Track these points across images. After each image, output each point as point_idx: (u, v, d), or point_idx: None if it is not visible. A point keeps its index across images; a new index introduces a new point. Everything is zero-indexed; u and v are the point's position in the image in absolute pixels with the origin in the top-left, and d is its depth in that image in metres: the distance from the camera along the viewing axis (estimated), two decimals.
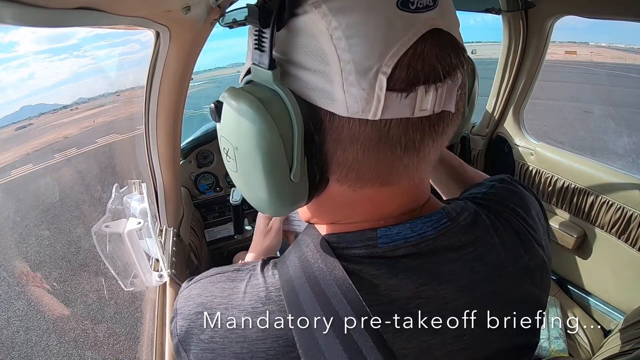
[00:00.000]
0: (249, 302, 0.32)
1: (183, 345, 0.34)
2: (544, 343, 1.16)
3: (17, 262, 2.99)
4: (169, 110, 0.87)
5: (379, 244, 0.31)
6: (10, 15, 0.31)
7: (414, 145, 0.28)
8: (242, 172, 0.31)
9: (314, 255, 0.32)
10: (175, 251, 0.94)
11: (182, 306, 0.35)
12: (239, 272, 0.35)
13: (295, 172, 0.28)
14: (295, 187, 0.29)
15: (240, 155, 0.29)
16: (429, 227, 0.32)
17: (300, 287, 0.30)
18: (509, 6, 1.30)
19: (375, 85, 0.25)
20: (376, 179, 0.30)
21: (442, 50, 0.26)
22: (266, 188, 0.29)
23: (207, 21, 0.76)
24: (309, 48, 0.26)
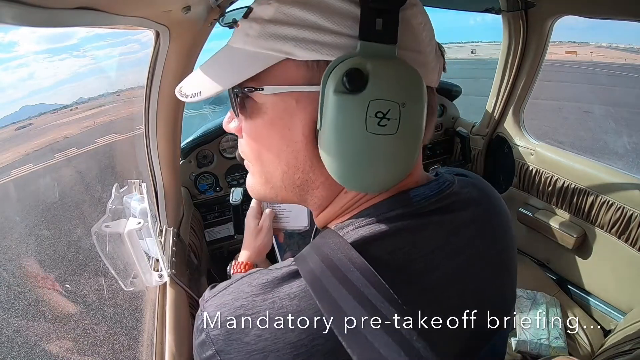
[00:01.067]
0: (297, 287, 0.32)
1: (221, 356, 0.32)
2: (544, 343, 1.16)
3: (17, 262, 2.99)
4: (169, 110, 0.87)
5: (414, 201, 0.36)
6: (10, 15, 0.31)
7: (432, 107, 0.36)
8: (406, 128, 0.32)
9: (330, 248, 0.33)
10: (175, 251, 0.94)
11: (214, 314, 0.33)
12: (269, 270, 0.35)
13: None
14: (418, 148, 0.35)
15: (406, 111, 0.31)
16: (439, 187, 0.38)
17: (322, 274, 0.32)
18: (508, 6, 1.30)
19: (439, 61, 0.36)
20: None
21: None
22: (419, 140, 0.34)
23: (207, 21, 0.76)
24: (410, 33, 0.33)
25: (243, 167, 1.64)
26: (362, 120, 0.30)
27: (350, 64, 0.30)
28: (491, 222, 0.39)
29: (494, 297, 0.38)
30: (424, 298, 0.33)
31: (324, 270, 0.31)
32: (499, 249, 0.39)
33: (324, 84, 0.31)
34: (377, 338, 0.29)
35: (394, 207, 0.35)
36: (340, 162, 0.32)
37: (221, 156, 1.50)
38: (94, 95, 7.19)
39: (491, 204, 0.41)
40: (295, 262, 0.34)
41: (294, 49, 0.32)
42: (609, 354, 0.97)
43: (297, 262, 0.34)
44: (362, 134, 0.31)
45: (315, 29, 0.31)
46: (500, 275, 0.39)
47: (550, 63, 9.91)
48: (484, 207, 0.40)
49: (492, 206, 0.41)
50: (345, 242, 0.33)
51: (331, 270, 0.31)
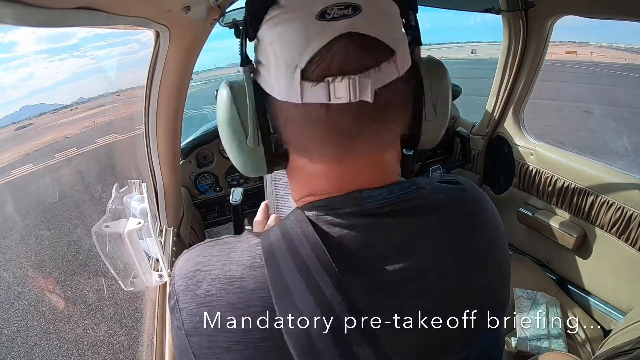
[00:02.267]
0: (247, 258, 0.36)
1: (178, 304, 0.36)
2: (544, 343, 1.16)
3: (17, 263, 2.99)
4: (169, 110, 0.87)
5: (365, 203, 0.36)
6: (10, 15, 0.32)
7: (342, 128, 0.34)
8: (221, 136, 0.40)
9: (292, 224, 0.36)
10: (175, 251, 0.94)
11: (179, 267, 0.38)
12: (234, 237, 0.39)
13: (250, 138, 0.37)
14: (253, 151, 0.38)
15: (218, 123, 0.39)
16: (402, 191, 0.37)
17: (278, 248, 0.35)
18: (508, 6, 1.30)
19: (294, 77, 0.33)
20: (325, 155, 0.36)
21: (355, 50, 0.32)
22: (232, 150, 0.39)
23: (207, 21, 0.76)
24: (262, 52, 0.35)
25: None
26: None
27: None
28: (464, 231, 0.38)
29: (462, 302, 0.36)
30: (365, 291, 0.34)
31: (281, 244, 0.35)
32: (470, 259, 0.38)
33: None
34: (302, 299, 0.32)
35: (343, 205, 0.36)
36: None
37: (221, 156, 1.50)
38: (94, 95, 7.19)
39: (469, 214, 0.40)
40: (260, 235, 0.37)
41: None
42: (609, 354, 0.97)
43: (261, 235, 0.37)
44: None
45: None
46: (471, 280, 0.37)
47: (551, 63, 9.92)
48: (457, 215, 0.39)
49: (469, 216, 0.39)
50: (305, 218, 0.36)
51: (287, 243, 0.35)
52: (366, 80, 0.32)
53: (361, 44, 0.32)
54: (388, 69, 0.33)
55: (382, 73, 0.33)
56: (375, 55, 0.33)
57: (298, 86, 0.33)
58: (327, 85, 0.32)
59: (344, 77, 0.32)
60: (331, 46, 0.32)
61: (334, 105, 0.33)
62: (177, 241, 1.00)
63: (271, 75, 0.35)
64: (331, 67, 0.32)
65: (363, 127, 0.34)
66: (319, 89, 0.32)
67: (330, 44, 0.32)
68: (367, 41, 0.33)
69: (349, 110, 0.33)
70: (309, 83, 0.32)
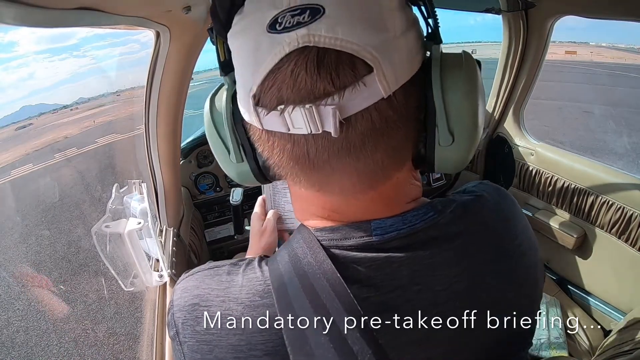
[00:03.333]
0: (246, 296, 0.32)
1: (179, 337, 0.34)
2: (544, 343, 1.16)
3: (17, 262, 2.99)
4: (169, 110, 0.87)
5: (374, 235, 0.32)
6: (10, 15, 0.31)
7: (307, 158, 0.29)
8: (213, 152, 0.38)
9: (303, 250, 0.32)
10: (175, 251, 0.94)
11: (178, 298, 0.35)
12: (235, 266, 0.35)
13: (232, 155, 0.35)
14: (239, 167, 0.36)
15: (207, 140, 0.38)
16: (417, 220, 0.32)
17: (290, 282, 0.31)
18: (509, 6, 1.30)
19: (249, 102, 0.28)
20: (308, 184, 0.31)
21: (310, 72, 0.25)
22: (220, 163, 0.38)
23: (207, 21, 0.76)
24: (234, 60, 0.31)
25: None
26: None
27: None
28: (488, 256, 0.33)
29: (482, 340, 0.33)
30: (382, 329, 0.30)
31: (292, 277, 0.31)
32: (493, 289, 0.33)
33: None
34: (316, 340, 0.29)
35: (351, 236, 0.32)
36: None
37: None
38: (94, 95, 7.19)
39: (494, 236, 0.34)
40: (268, 266, 0.33)
41: None
42: (609, 354, 0.97)
43: (269, 266, 0.33)
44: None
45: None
46: (495, 311, 0.32)
47: (551, 63, 9.90)
48: (477, 241, 0.33)
49: (494, 238, 0.34)
50: (320, 247, 0.32)
51: (299, 277, 0.31)
52: (326, 109, 0.25)
53: (317, 63, 0.25)
54: (361, 91, 0.26)
55: (350, 98, 0.26)
56: (338, 78, 0.25)
57: (254, 112, 0.28)
58: (282, 114, 0.27)
59: (296, 106, 0.26)
60: (281, 66, 0.26)
61: (296, 135, 0.28)
62: (177, 241, 0.99)
63: (239, 96, 0.31)
64: (281, 94, 0.27)
65: (333, 160, 0.28)
66: (274, 118, 0.27)
67: (280, 64, 0.26)
68: (327, 57, 0.25)
69: (314, 141, 0.28)
70: (263, 110, 0.28)
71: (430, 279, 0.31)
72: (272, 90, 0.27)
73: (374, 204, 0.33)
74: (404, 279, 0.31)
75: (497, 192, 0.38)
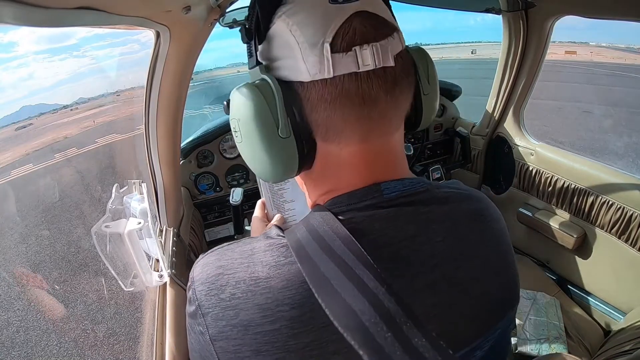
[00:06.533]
0: (270, 257, 0.36)
1: (201, 310, 0.36)
2: (544, 343, 1.16)
3: (17, 263, 2.99)
4: (169, 110, 0.87)
5: (384, 194, 0.38)
6: (10, 15, 0.31)
7: (370, 96, 0.36)
8: (246, 138, 0.40)
9: (318, 221, 0.37)
10: (175, 251, 0.94)
11: (199, 273, 0.38)
12: (253, 238, 0.39)
13: (281, 128, 0.38)
14: (285, 143, 0.38)
15: (242, 124, 0.39)
16: (414, 185, 0.40)
17: (308, 245, 0.35)
18: (509, 6, 1.30)
19: (323, 52, 0.35)
20: (351, 134, 0.37)
21: (369, 23, 0.36)
22: (262, 145, 0.39)
23: (207, 21, 0.76)
24: (280, 44, 0.38)
25: (243, 167, 1.65)
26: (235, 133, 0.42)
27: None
28: (474, 225, 0.41)
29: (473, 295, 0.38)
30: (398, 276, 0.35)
31: (310, 240, 0.35)
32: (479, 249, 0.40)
33: None
34: (347, 292, 0.32)
35: (364, 198, 0.38)
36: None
37: (221, 156, 1.50)
38: (94, 95, 7.19)
39: (477, 211, 0.42)
40: (285, 234, 0.38)
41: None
42: (609, 354, 0.97)
43: (286, 234, 0.38)
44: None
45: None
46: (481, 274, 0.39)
47: (551, 63, 9.90)
48: (465, 210, 0.41)
49: (477, 213, 0.42)
50: (332, 215, 0.37)
51: (316, 240, 0.35)
52: (386, 47, 0.36)
53: (373, 19, 0.36)
54: (395, 40, 0.37)
55: (395, 42, 0.37)
56: (387, 28, 0.37)
57: (329, 59, 0.35)
58: (355, 54, 0.35)
59: (368, 45, 0.35)
60: (350, 21, 0.35)
61: (362, 74, 0.35)
62: (177, 241, 0.99)
63: (297, 59, 0.36)
64: (355, 38, 0.35)
65: (386, 94, 0.37)
66: (348, 59, 0.35)
67: (349, 20, 0.35)
68: (376, 18, 0.37)
69: (375, 77, 0.36)
70: (339, 54, 0.35)
71: (431, 231, 0.38)
72: (346, 37, 0.35)
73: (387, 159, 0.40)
74: (411, 231, 0.37)
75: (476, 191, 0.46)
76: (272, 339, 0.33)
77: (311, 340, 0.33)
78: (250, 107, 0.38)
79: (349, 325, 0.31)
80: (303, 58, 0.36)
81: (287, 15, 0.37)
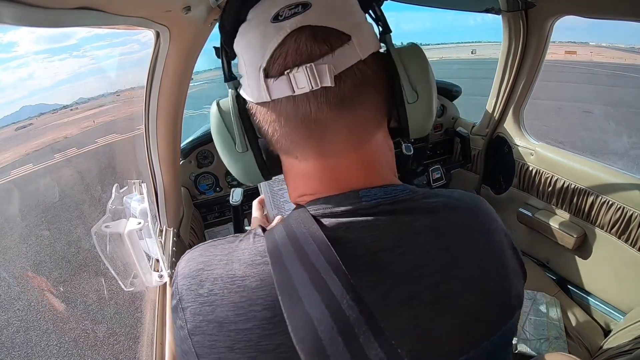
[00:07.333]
0: (248, 256, 0.36)
1: (182, 304, 0.36)
2: (544, 343, 1.16)
3: (17, 263, 2.99)
4: (169, 110, 0.87)
5: (363, 201, 0.37)
6: (10, 15, 0.31)
7: (309, 118, 0.36)
8: (218, 150, 0.43)
9: (296, 221, 0.37)
10: (175, 251, 0.94)
11: (183, 267, 0.39)
12: (237, 237, 0.40)
13: (238, 144, 0.41)
14: (243, 157, 0.41)
15: (214, 139, 0.43)
16: (397, 192, 0.38)
17: (284, 247, 0.35)
18: (509, 6, 1.30)
19: (259, 77, 0.36)
20: (305, 150, 0.38)
21: (308, 41, 0.34)
22: (224, 157, 0.43)
23: (207, 21, 0.76)
24: (239, 63, 0.39)
25: None
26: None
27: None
28: (457, 237, 0.37)
29: (455, 310, 0.35)
30: (371, 287, 0.34)
31: (286, 243, 0.35)
32: (465, 263, 0.37)
33: None
34: (311, 300, 0.31)
35: (341, 204, 0.37)
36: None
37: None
38: (94, 95, 7.19)
39: (462, 221, 0.39)
40: (265, 234, 0.38)
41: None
42: (609, 354, 0.97)
43: (266, 234, 0.37)
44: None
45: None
46: (466, 289, 0.36)
47: (551, 63, 9.90)
48: (452, 219, 0.38)
49: (461, 222, 0.39)
50: (309, 215, 0.36)
51: (292, 243, 0.35)
52: (323, 66, 0.34)
53: (313, 35, 0.34)
54: (345, 52, 0.35)
55: (338, 57, 0.35)
56: (328, 42, 0.35)
57: (264, 84, 0.36)
58: (288, 77, 0.34)
59: (300, 67, 0.34)
60: (285, 43, 0.34)
61: (299, 97, 0.35)
62: (177, 241, 1.00)
63: (246, 81, 0.38)
64: (287, 61, 0.35)
65: (330, 113, 0.36)
66: (281, 83, 0.35)
67: (284, 41, 0.34)
68: (318, 31, 0.35)
69: (314, 98, 0.35)
70: (272, 79, 0.35)
71: (412, 243, 0.36)
72: (278, 61, 0.35)
73: (362, 168, 0.39)
74: (389, 242, 0.35)
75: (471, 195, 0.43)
76: (244, 337, 0.33)
77: (282, 342, 0.32)
78: (212, 123, 0.42)
79: (304, 337, 0.30)
80: (247, 81, 0.37)
81: (239, 36, 0.38)
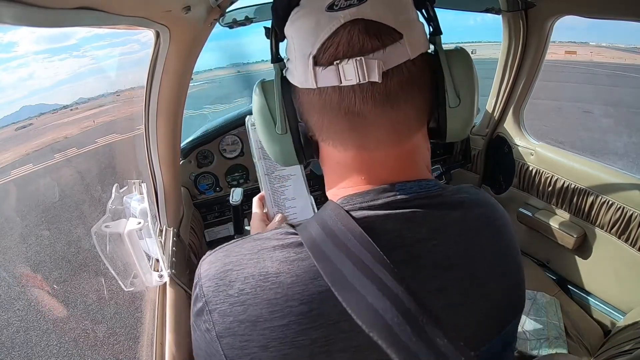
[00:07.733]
0: (280, 253, 0.36)
1: (208, 306, 0.36)
2: (544, 343, 1.16)
3: (17, 262, 2.99)
4: (169, 110, 0.87)
5: (399, 194, 0.37)
6: (10, 15, 0.31)
7: (353, 111, 0.36)
8: (257, 128, 0.44)
9: (331, 218, 0.36)
10: (175, 251, 0.94)
11: (206, 269, 0.38)
12: (262, 234, 0.39)
13: (278, 125, 0.41)
14: (282, 139, 0.42)
15: (254, 116, 0.44)
16: (430, 187, 0.39)
17: (323, 242, 0.35)
18: (509, 6, 1.30)
19: (308, 63, 0.36)
20: (345, 141, 0.38)
21: (360, 35, 0.34)
22: (264, 137, 0.43)
23: (207, 21, 0.76)
24: (288, 47, 0.40)
25: (243, 167, 1.65)
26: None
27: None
28: (485, 231, 0.40)
29: (481, 299, 0.38)
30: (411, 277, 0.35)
31: (324, 238, 0.35)
32: (490, 254, 0.39)
33: None
34: (367, 290, 0.32)
35: (378, 197, 0.37)
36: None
37: (221, 156, 1.50)
38: (94, 95, 7.20)
39: (488, 217, 0.41)
40: (297, 230, 0.37)
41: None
42: (609, 354, 0.97)
43: (298, 230, 0.37)
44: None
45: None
46: (491, 278, 0.39)
47: (551, 63, 9.90)
48: (477, 215, 0.40)
49: (488, 218, 0.41)
50: (345, 213, 0.36)
51: (330, 238, 0.35)
52: (372, 61, 0.34)
53: (366, 29, 0.34)
54: (396, 50, 0.35)
55: (389, 54, 0.34)
56: (381, 38, 0.34)
57: (312, 71, 0.36)
58: (336, 68, 0.34)
59: (350, 59, 0.34)
60: (337, 33, 0.34)
61: (345, 88, 0.35)
62: (177, 241, 0.99)
63: (293, 65, 0.38)
64: (338, 51, 0.35)
65: (374, 108, 0.36)
66: (329, 73, 0.35)
67: (337, 31, 0.34)
68: (371, 26, 0.34)
69: (360, 91, 0.35)
70: (320, 68, 0.35)
71: (444, 235, 0.37)
72: (329, 50, 0.35)
73: (400, 163, 0.39)
74: (424, 234, 0.36)
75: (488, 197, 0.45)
76: (280, 334, 0.33)
77: (319, 336, 0.33)
78: (254, 104, 0.43)
79: (374, 323, 0.31)
80: (296, 66, 0.38)
81: (291, 21, 0.38)
